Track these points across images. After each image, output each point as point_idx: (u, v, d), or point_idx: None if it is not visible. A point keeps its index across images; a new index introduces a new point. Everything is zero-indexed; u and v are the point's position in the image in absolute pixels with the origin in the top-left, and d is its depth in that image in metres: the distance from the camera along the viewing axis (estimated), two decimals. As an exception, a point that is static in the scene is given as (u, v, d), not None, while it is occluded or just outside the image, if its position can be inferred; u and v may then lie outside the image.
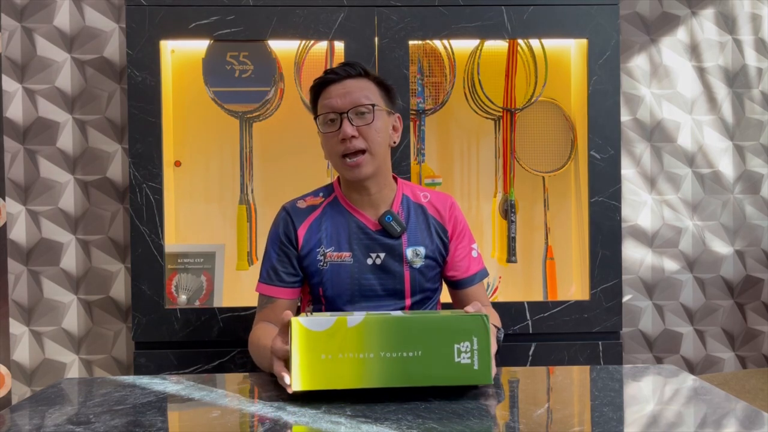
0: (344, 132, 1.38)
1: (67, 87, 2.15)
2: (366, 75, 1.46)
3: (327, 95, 1.43)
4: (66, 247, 2.15)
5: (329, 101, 1.42)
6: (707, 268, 2.29)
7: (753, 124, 2.29)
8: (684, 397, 1.14)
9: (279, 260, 1.47)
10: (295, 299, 1.49)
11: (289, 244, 1.47)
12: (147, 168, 1.84)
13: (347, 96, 1.40)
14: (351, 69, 1.44)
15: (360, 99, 1.40)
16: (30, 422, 1.03)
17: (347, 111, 1.40)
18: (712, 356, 2.30)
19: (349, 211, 1.48)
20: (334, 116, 1.41)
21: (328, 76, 1.44)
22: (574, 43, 2.07)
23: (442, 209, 1.52)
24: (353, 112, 1.40)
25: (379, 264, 1.46)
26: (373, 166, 1.42)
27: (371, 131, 1.40)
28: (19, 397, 2.14)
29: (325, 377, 1.07)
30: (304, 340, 1.06)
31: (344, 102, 1.40)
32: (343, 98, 1.40)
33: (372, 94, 1.43)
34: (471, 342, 1.08)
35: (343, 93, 1.41)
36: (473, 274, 1.54)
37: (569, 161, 2.07)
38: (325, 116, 1.42)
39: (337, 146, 1.41)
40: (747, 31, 2.28)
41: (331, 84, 1.43)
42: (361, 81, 1.44)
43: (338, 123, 1.40)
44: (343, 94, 1.41)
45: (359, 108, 1.40)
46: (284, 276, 1.46)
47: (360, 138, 1.40)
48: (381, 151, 1.43)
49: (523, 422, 0.99)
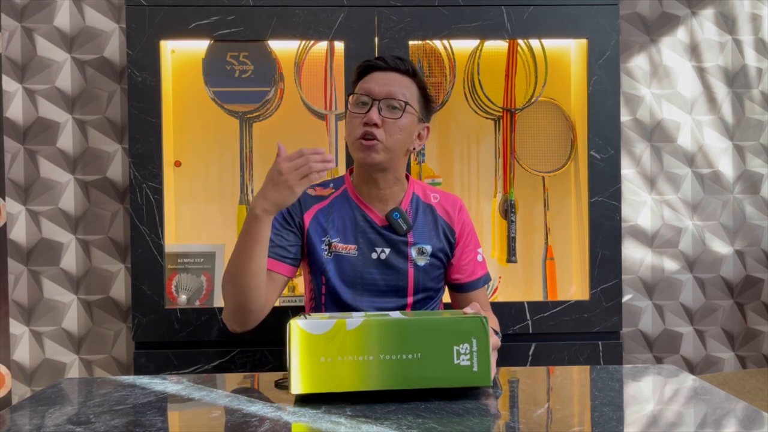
0: (369, 116, 1.40)
1: (67, 87, 2.15)
2: (413, 75, 1.48)
3: (369, 79, 1.45)
4: (66, 247, 2.15)
5: (368, 85, 1.44)
6: (707, 268, 2.29)
7: (753, 124, 2.29)
8: (684, 397, 1.14)
9: (276, 234, 1.45)
10: (285, 276, 1.45)
11: (292, 222, 1.47)
12: (147, 168, 1.84)
13: (386, 86, 1.43)
14: (401, 63, 1.47)
15: (396, 93, 1.42)
16: (30, 422, 1.03)
17: (380, 99, 1.41)
18: (712, 356, 2.30)
19: (358, 204, 1.49)
20: (366, 100, 1.43)
21: (377, 62, 1.47)
22: (574, 43, 2.07)
23: (452, 211, 1.53)
24: (385, 103, 1.42)
25: (383, 259, 1.46)
26: (384, 157, 1.42)
27: (395, 127, 1.42)
28: (19, 397, 2.14)
29: (325, 380, 1.07)
30: (303, 343, 1.06)
31: (381, 90, 1.42)
32: (382, 87, 1.42)
33: (411, 94, 1.45)
34: (470, 344, 1.08)
35: (384, 82, 1.43)
36: (477, 279, 1.55)
37: (569, 161, 2.07)
38: (358, 97, 1.44)
39: (358, 127, 1.42)
40: (747, 31, 2.28)
41: (377, 70, 1.46)
42: (406, 79, 1.46)
43: (368, 108, 1.42)
44: (384, 83, 1.43)
45: (392, 101, 1.42)
46: (279, 250, 1.44)
47: (381, 129, 1.41)
48: (397, 148, 1.44)
49: (523, 422, 0.99)
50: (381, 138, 1.40)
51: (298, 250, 1.48)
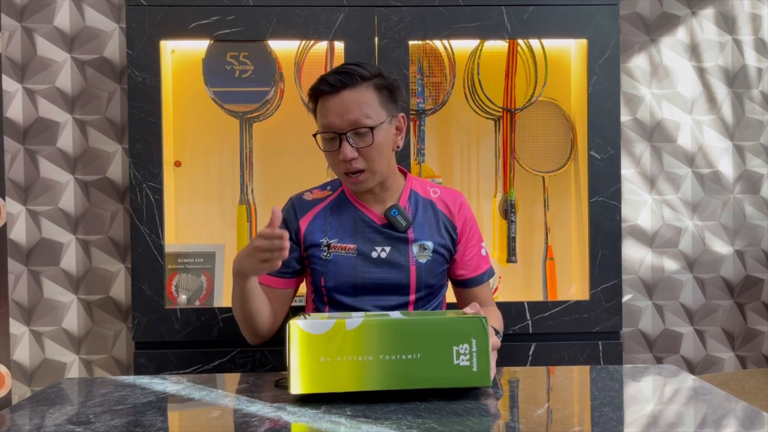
0: (344, 155, 1.37)
1: (67, 87, 2.15)
2: (363, 80, 1.38)
3: (325, 111, 1.39)
4: (66, 247, 2.15)
5: (327, 120, 1.38)
6: (707, 268, 2.29)
7: (753, 124, 2.29)
8: (684, 397, 1.14)
9: None
10: (286, 289, 1.51)
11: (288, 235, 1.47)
12: (147, 168, 1.84)
13: (345, 115, 1.36)
14: (347, 78, 1.37)
15: (359, 119, 1.36)
16: (30, 422, 1.03)
17: (346, 132, 1.37)
18: (712, 356, 2.30)
19: (355, 205, 1.49)
20: (333, 135, 1.39)
21: (323, 88, 1.39)
22: (574, 43, 2.07)
23: (452, 205, 1.52)
24: (352, 133, 1.37)
25: (384, 258, 1.46)
26: (375, 180, 1.43)
27: (372, 151, 1.38)
28: (19, 397, 2.14)
29: (325, 380, 1.07)
30: (303, 344, 1.07)
31: (342, 122, 1.37)
32: (341, 117, 1.36)
33: (372, 107, 1.38)
34: (470, 344, 1.08)
35: (340, 111, 1.36)
36: (482, 273, 1.54)
37: (569, 161, 2.07)
38: (324, 135, 1.41)
39: (338, 164, 1.41)
40: (747, 31, 2.28)
41: (328, 96, 1.38)
42: (359, 92, 1.37)
43: (338, 142, 1.38)
44: (341, 113, 1.36)
45: (358, 129, 1.37)
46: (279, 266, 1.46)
47: (360, 159, 1.39)
48: (383, 165, 1.42)
49: (523, 422, 0.99)
50: (364, 167, 1.39)
51: (298, 261, 1.50)
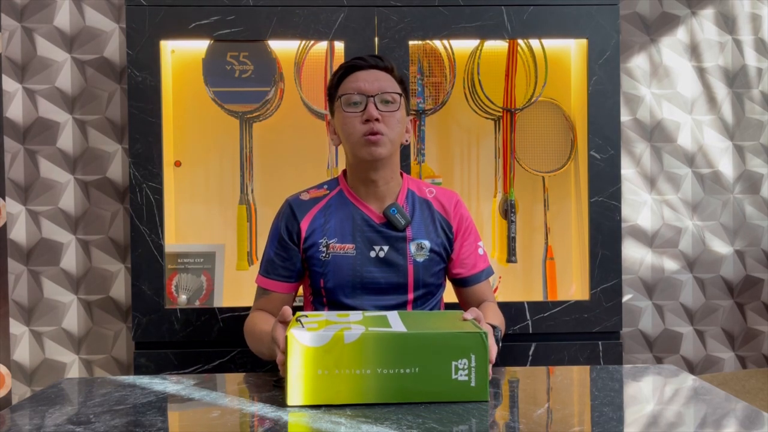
0: (369, 113, 1.41)
1: (67, 87, 2.15)
2: (392, 72, 1.50)
3: (354, 79, 1.46)
4: (66, 247, 2.15)
5: (356, 84, 1.45)
6: (707, 268, 2.29)
7: (753, 124, 2.29)
8: (684, 397, 1.14)
9: (276, 254, 1.49)
10: (290, 293, 1.52)
11: (289, 240, 1.48)
12: (147, 168, 1.84)
13: (376, 82, 1.44)
14: (380, 61, 1.49)
15: (387, 87, 1.45)
16: (30, 422, 1.03)
17: (374, 95, 1.43)
18: (712, 356, 2.30)
19: (354, 204, 1.49)
20: (359, 98, 1.43)
21: (358, 61, 1.48)
22: (574, 43, 2.07)
23: (448, 205, 1.53)
24: (379, 98, 1.43)
25: (382, 257, 1.46)
26: (389, 150, 1.44)
27: (393, 120, 1.44)
28: (19, 397, 2.14)
29: (322, 392, 1.07)
30: (300, 356, 1.06)
31: (372, 87, 1.44)
32: (372, 83, 1.44)
33: (396, 89, 1.47)
34: (469, 359, 1.08)
35: (372, 79, 1.45)
36: (479, 272, 1.54)
37: (569, 161, 2.07)
38: (350, 97, 1.44)
39: (359, 126, 1.43)
40: (747, 31, 2.28)
41: (359, 70, 1.47)
42: (388, 75, 1.48)
43: (362, 105, 1.43)
44: (372, 80, 1.45)
45: (385, 95, 1.44)
46: (281, 270, 1.49)
47: (382, 124, 1.42)
48: (397, 141, 1.47)
49: (523, 422, 0.99)
50: (384, 131, 1.42)
51: (300, 263, 1.50)
